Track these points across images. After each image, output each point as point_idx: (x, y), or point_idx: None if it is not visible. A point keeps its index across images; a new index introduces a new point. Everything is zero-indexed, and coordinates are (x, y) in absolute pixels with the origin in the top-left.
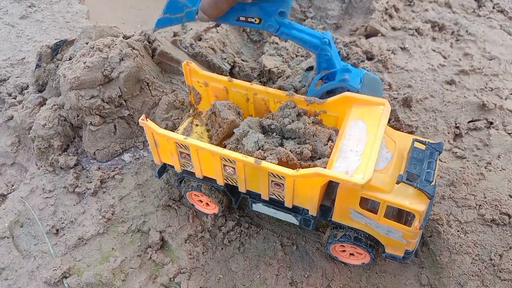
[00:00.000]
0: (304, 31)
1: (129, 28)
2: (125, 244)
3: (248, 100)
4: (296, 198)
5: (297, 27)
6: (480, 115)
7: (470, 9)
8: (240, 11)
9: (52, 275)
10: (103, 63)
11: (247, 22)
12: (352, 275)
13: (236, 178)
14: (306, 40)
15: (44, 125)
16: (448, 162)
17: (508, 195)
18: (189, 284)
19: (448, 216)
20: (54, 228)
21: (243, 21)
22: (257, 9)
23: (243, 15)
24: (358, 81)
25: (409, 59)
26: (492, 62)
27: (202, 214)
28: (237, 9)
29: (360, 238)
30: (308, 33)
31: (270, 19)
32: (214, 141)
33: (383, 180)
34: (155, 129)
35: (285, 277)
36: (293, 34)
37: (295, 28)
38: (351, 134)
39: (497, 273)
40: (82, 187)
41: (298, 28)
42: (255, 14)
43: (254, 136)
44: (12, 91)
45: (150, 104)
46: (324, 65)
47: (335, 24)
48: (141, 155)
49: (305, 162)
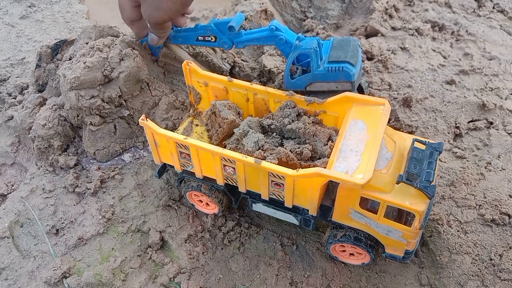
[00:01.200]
0: (254, 32)
1: (129, 28)
2: (125, 244)
3: (248, 100)
4: (296, 198)
5: (246, 32)
6: (480, 115)
7: (470, 9)
8: (199, 30)
9: (52, 275)
10: (103, 63)
11: (205, 41)
12: (352, 275)
13: (236, 178)
14: (259, 37)
15: (44, 125)
16: (448, 162)
17: (508, 195)
18: (189, 284)
19: (448, 216)
20: (54, 228)
21: (202, 40)
22: (212, 28)
23: (202, 35)
24: (313, 43)
25: (409, 59)
26: (492, 62)
27: (202, 214)
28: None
29: (360, 238)
30: (257, 31)
31: (224, 37)
32: (214, 141)
33: (383, 180)
34: (155, 129)
35: (285, 277)
36: (246, 38)
37: (246, 33)
38: (351, 134)
39: (497, 273)
40: (82, 187)
41: (247, 32)
42: (211, 33)
43: (254, 136)
44: (12, 91)
45: (150, 104)
46: (287, 49)
47: (335, 24)
48: (141, 155)
49: (305, 162)
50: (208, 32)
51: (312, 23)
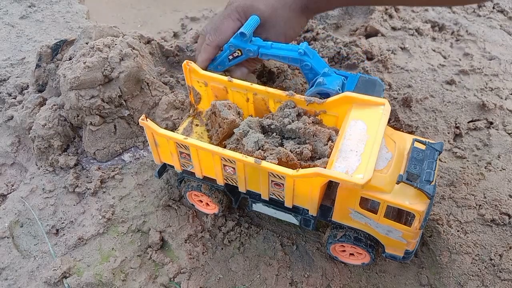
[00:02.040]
0: (283, 48)
1: (129, 28)
2: (125, 244)
3: (248, 100)
4: (296, 198)
5: (275, 46)
6: (480, 115)
7: (470, 9)
8: (226, 51)
9: (52, 275)
10: (103, 63)
11: (235, 58)
12: (352, 275)
13: (236, 178)
14: (285, 56)
15: (44, 125)
16: (448, 162)
17: (508, 195)
18: (189, 284)
19: (448, 216)
20: (54, 228)
21: (232, 59)
22: (233, 43)
23: (230, 55)
24: (337, 84)
25: (409, 59)
26: (492, 62)
27: (202, 214)
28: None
29: (360, 238)
30: (286, 48)
31: (247, 46)
32: (214, 141)
33: (383, 180)
34: (155, 129)
35: (285, 277)
36: (272, 53)
37: (274, 47)
38: (351, 134)
39: (497, 273)
40: (82, 187)
41: (276, 46)
42: (234, 48)
43: (254, 136)
44: (12, 91)
45: (150, 104)
46: (311, 76)
47: (335, 24)
48: (141, 155)
49: (305, 162)
50: (232, 48)
51: (312, 23)
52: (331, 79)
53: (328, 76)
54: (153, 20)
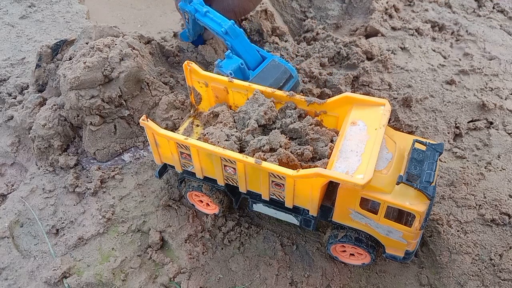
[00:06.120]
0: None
1: (129, 28)
2: (125, 244)
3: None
4: (296, 198)
5: (209, 14)
6: (480, 115)
7: (470, 9)
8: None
9: (52, 275)
10: (103, 63)
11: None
12: (352, 275)
13: (236, 178)
14: (212, 29)
15: (44, 125)
16: (448, 162)
17: (508, 195)
18: (189, 284)
19: (448, 216)
20: (54, 228)
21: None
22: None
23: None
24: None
25: (409, 59)
26: (492, 62)
27: (202, 214)
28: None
29: (361, 239)
30: (216, 21)
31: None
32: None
33: (384, 180)
34: (156, 129)
35: (285, 277)
36: (204, 21)
37: (207, 16)
38: (352, 135)
39: (497, 273)
40: (82, 187)
41: (209, 16)
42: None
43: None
44: (12, 91)
45: (150, 104)
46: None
47: (335, 24)
48: (141, 155)
49: (306, 163)
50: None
51: (312, 23)
52: (229, 61)
53: (230, 58)
54: (153, 20)
